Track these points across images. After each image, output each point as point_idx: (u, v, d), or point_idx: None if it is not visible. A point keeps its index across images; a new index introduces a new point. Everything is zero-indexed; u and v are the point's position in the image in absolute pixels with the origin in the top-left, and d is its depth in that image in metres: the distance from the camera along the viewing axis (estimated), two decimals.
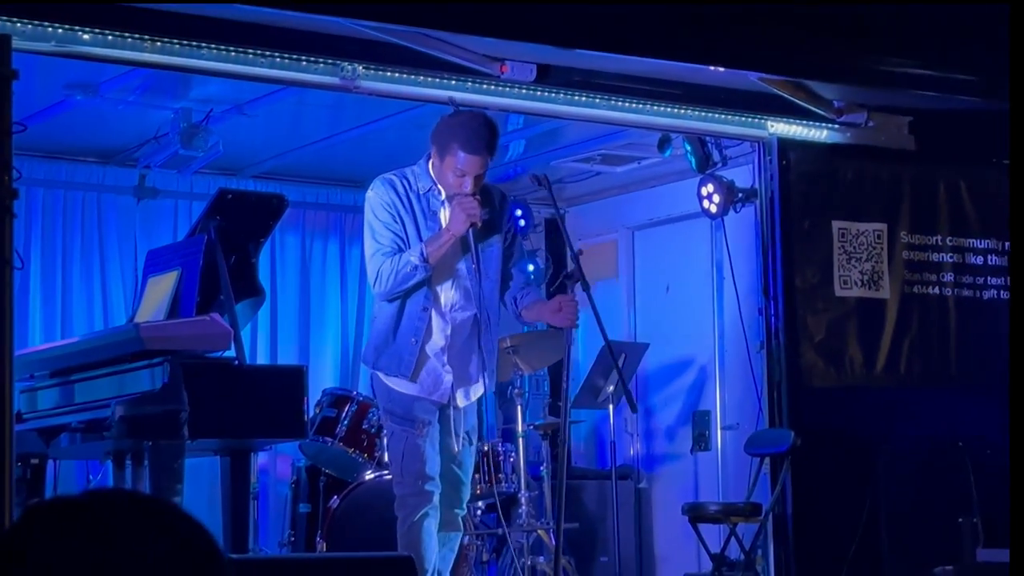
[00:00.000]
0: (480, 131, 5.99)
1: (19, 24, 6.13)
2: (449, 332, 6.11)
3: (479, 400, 6.43)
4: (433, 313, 6.10)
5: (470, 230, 5.94)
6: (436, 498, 6.03)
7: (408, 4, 6.69)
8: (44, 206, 8.84)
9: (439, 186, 6.07)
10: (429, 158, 6.09)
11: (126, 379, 6.39)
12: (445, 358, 6.11)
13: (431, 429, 6.07)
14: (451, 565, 6.27)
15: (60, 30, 6.30)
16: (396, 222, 6.05)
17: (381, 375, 6.15)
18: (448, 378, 6.11)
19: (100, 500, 1.64)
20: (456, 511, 6.21)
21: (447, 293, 6.13)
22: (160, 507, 1.66)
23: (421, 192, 6.09)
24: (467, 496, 6.35)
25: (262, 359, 9.11)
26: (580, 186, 10.03)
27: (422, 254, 5.91)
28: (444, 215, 6.06)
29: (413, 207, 6.08)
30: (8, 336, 5.33)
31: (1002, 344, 8.37)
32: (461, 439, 6.18)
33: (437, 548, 6.04)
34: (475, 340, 6.14)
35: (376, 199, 6.08)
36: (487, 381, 6.23)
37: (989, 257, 8.47)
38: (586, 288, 6.14)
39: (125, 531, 1.60)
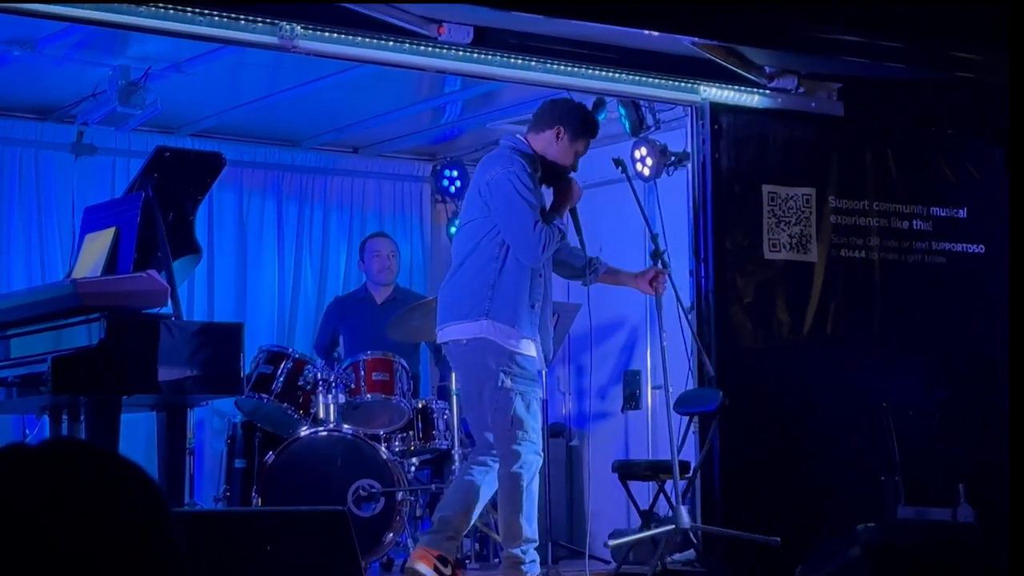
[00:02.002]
0: (595, 123, 6.82)
1: None
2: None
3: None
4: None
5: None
6: None
7: None
8: None
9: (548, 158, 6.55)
10: (540, 131, 6.57)
11: (62, 335, 6.34)
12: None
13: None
14: None
15: None
16: (539, 195, 6.45)
17: (507, 335, 6.40)
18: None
19: (57, 450, 1.67)
20: None
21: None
22: (110, 459, 1.68)
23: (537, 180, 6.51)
24: None
25: (199, 316, 9.08)
26: None
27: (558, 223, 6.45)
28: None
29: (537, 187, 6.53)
30: None
31: (926, 307, 8.46)
32: None
33: None
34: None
35: (523, 173, 6.39)
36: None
37: (914, 222, 8.54)
38: (666, 266, 7.04)
39: (80, 482, 1.62)
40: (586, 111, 6.89)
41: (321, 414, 7.81)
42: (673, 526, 7.08)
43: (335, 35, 7.10)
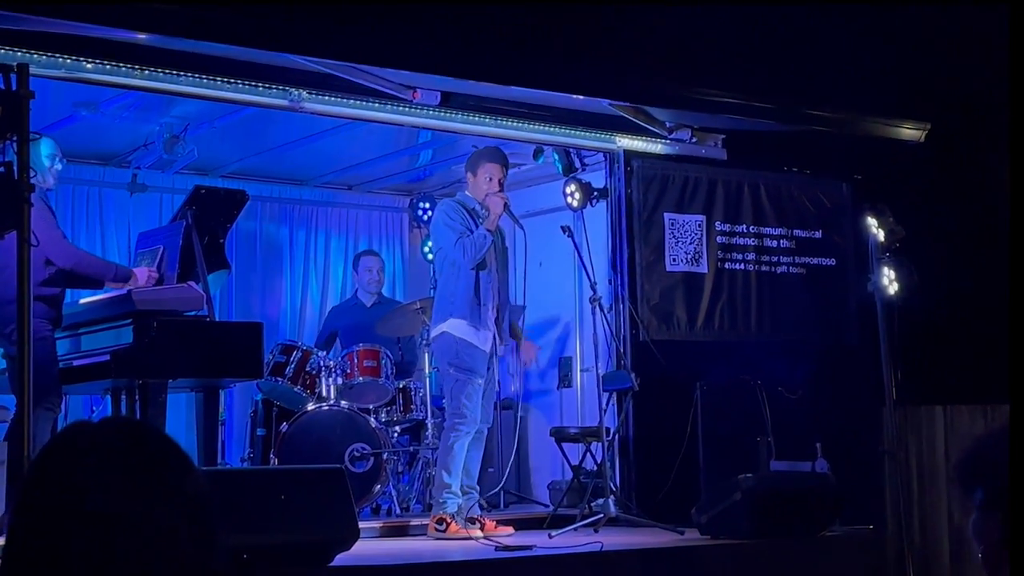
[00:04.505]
0: (495, 150, 7.00)
1: (35, 55, 6.02)
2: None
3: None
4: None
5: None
6: None
7: (342, 45, 6.66)
8: (57, 199, 8.67)
9: (479, 204, 6.76)
10: (466, 184, 6.88)
11: (121, 332, 6.32)
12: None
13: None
14: None
15: (68, 60, 6.20)
16: (463, 222, 6.70)
17: (459, 329, 6.67)
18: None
19: (113, 426, 1.69)
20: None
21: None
22: (152, 433, 1.71)
23: (468, 208, 6.79)
24: None
25: (228, 317, 9.03)
26: None
27: (489, 236, 6.69)
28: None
29: (468, 220, 6.74)
30: (27, 298, 5.26)
31: (791, 306, 8.51)
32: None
33: None
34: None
35: (448, 210, 6.76)
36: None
37: (781, 241, 8.58)
38: (602, 308, 7.24)
39: (128, 451, 1.64)
40: (481, 149, 7.12)
41: (324, 393, 7.80)
42: (596, 478, 7.10)
43: (333, 98, 7.11)
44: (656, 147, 8.22)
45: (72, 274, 6.29)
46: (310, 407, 7.63)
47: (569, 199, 8.35)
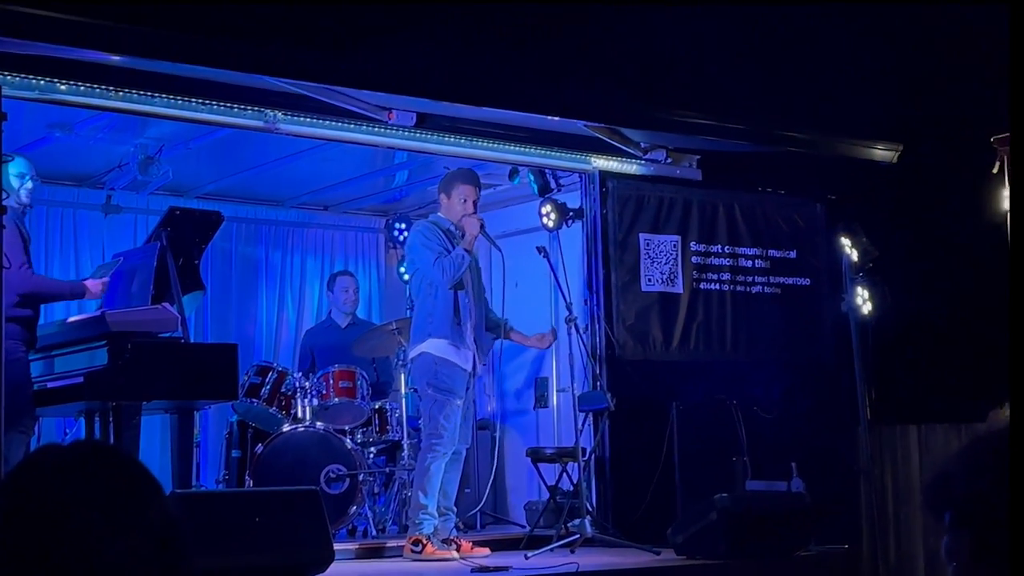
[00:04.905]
0: (469, 172, 7.02)
1: (9, 76, 6.01)
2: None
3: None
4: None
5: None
6: None
7: (317, 66, 6.66)
8: (31, 220, 8.63)
9: (454, 225, 6.80)
10: (440, 205, 6.89)
11: (95, 354, 6.29)
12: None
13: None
14: None
15: (42, 81, 6.18)
16: (440, 243, 6.72)
17: (439, 349, 6.68)
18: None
19: (82, 451, 1.69)
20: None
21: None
22: (121, 458, 1.70)
23: (443, 228, 6.81)
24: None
25: (203, 339, 8.99)
26: None
27: (467, 257, 6.71)
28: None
29: (445, 242, 6.77)
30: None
31: (766, 326, 8.53)
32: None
33: None
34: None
35: (424, 230, 6.79)
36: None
37: (755, 261, 8.60)
38: (578, 329, 7.37)
39: (96, 476, 1.64)
40: (455, 171, 7.11)
41: (299, 414, 7.77)
42: (573, 499, 7.09)
43: (309, 119, 7.11)
44: (631, 167, 8.24)
45: (30, 298, 6.25)
46: (285, 428, 7.60)
47: (544, 219, 8.36)
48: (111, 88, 6.39)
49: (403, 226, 9.90)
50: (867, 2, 8.34)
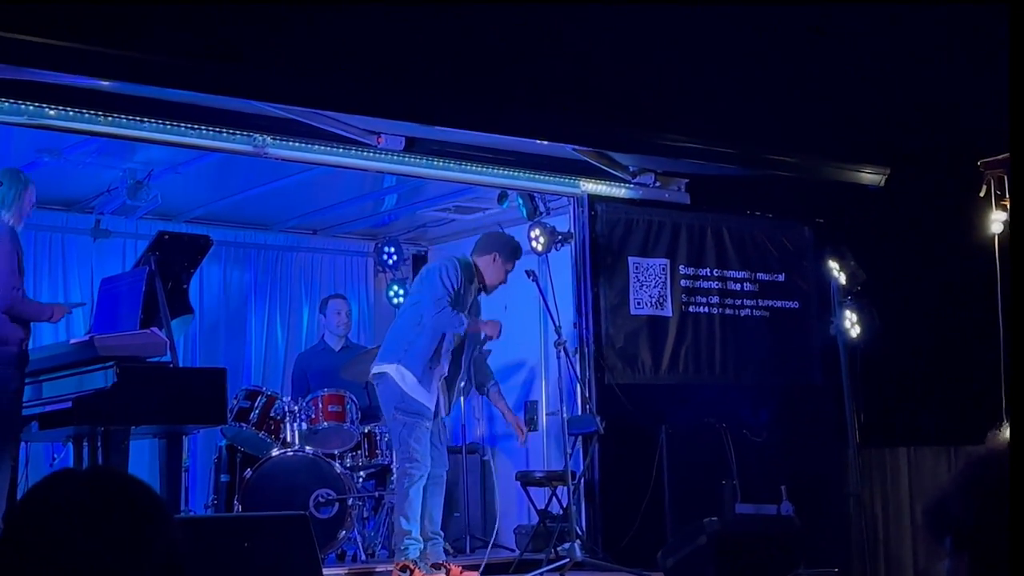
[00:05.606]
0: (519, 249, 7.06)
1: None
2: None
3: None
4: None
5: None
6: None
7: (306, 90, 6.67)
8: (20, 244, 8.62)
9: (480, 280, 6.89)
10: (481, 255, 6.91)
11: (83, 379, 6.26)
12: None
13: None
14: None
15: (31, 107, 6.19)
16: (457, 286, 6.73)
17: (405, 380, 6.71)
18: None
19: (95, 474, 1.73)
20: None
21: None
22: (132, 482, 1.74)
23: (468, 281, 6.85)
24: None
25: (192, 363, 8.97)
26: (439, 230, 10.04)
27: (466, 322, 6.73)
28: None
29: (465, 285, 6.80)
30: None
31: (755, 349, 8.54)
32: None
33: None
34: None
35: (452, 268, 6.78)
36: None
37: (744, 284, 8.62)
38: (567, 351, 7.46)
39: (109, 499, 1.68)
40: (515, 243, 7.11)
41: (288, 438, 7.74)
42: (563, 523, 7.06)
43: (297, 144, 7.11)
44: (620, 191, 8.26)
45: (9, 315, 6.20)
46: (274, 453, 7.58)
47: (533, 243, 8.37)
48: (100, 113, 6.40)
49: (392, 250, 9.89)
50: (855, 28, 8.39)
